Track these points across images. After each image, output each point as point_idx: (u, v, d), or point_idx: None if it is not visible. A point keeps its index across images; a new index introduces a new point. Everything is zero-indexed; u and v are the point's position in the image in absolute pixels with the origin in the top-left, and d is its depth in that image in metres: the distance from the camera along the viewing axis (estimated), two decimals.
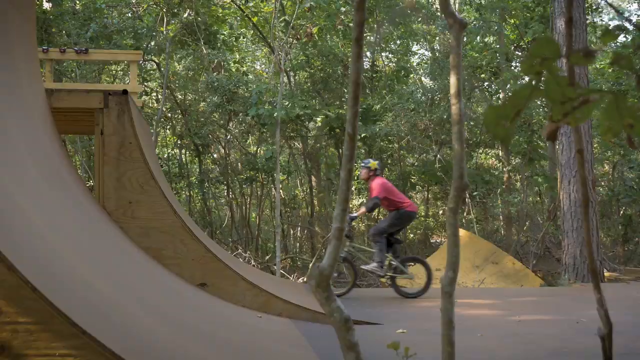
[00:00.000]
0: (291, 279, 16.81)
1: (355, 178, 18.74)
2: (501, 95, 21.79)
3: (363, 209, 11.95)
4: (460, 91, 2.57)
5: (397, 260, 11.63)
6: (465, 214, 21.31)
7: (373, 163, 12.02)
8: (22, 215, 5.71)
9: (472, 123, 21.69)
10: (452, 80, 2.60)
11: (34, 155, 7.15)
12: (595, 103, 1.65)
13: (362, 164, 12.20)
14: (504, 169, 22.47)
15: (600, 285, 2.51)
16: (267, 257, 19.57)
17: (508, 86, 20.95)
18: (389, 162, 22.39)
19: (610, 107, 1.65)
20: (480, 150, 23.17)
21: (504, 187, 22.21)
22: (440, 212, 23.44)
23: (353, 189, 20.70)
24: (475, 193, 20.85)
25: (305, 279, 16.39)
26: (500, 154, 22.87)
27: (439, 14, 22.42)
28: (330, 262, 2.56)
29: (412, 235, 22.87)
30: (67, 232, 6.59)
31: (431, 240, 23.13)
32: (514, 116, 1.66)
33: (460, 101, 2.55)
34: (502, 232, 22.53)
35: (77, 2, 19.87)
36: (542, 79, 1.62)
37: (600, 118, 1.68)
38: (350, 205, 18.29)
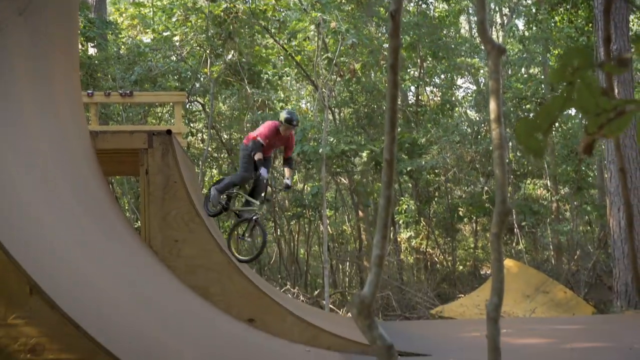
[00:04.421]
0: (340, 313, 16.71)
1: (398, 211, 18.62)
2: None
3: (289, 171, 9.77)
4: (500, 116, 2.53)
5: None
6: (514, 244, 21.03)
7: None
8: (70, 257, 5.76)
9: (519, 154, 21.51)
10: (492, 105, 2.56)
11: (79, 198, 7.23)
12: (631, 113, 1.60)
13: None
14: (553, 199, 22.17)
15: None
16: (316, 293, 19.49)
17: None
18: (436, 194, 22.26)
19: None
20: (528, 181, 22.90)
21: (552, 216, 21.90)
22: (489, 243, 22.99)
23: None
24: (524, 223, 20.57)
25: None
26: (548, 184, 22.58)
27: (482, 47, 22.33)
28: (372, 290, 2.52)
29: (461, 267, 22.64)
30: (114, 273, 6.63)
31: (481, 272, 22.82)
32: (546, 129, 1.61)
33: (501, 126, 2.51)
34: (553, 261, 22.15)
35: (122, 46, 20.17)
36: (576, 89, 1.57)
37: (637, 128, 1.62)
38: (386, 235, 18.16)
